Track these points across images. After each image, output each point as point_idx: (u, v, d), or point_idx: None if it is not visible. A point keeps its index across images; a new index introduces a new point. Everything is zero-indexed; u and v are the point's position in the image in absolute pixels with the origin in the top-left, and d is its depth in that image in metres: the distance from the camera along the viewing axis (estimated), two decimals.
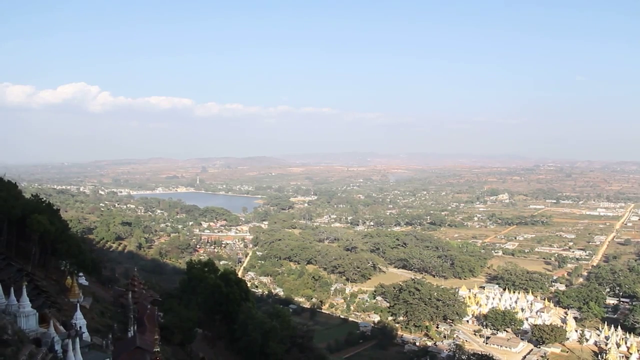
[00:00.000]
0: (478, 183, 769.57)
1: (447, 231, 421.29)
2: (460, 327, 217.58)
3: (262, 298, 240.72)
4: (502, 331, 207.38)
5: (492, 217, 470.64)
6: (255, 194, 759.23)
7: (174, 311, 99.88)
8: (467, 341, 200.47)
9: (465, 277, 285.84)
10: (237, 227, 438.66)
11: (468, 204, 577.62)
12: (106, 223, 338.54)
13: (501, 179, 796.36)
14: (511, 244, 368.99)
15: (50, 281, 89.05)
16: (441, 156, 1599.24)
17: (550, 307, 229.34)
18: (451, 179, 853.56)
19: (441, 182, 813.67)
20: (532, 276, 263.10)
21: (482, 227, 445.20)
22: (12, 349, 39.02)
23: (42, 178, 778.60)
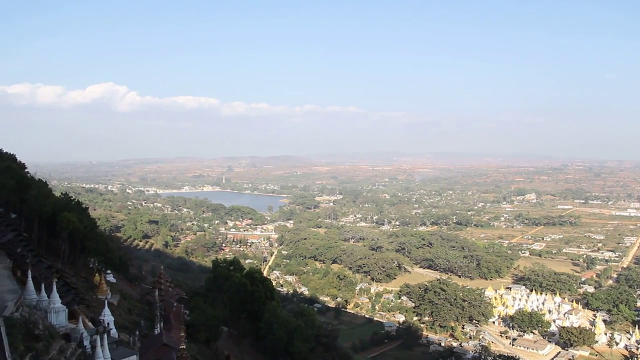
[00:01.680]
0: (505, 182, 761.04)
1: (473, 231, 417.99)
2: (486, 328, 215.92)
3: (287, 297, 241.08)
4: (529, 333, 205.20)
5: (519, 217, 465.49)
6: (280, 193, 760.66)
7: (200, 309, 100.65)
8: (493, 342, 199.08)
9: (491, 278, 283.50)
10: (262, 226, 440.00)
11: (494, 204, 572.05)
12: (133, 221, 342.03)
13: (528, 179, 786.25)
14: (538, 245, 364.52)
15: (79, 278, 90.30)
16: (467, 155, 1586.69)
17: (579, 309, 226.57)
18: (477, 178, 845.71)
19: (467, 182, 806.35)
20: (560, 277, 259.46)
21: (508, 227, 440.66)
22: (43, 344, 39.63)
23: (71, 177, 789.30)
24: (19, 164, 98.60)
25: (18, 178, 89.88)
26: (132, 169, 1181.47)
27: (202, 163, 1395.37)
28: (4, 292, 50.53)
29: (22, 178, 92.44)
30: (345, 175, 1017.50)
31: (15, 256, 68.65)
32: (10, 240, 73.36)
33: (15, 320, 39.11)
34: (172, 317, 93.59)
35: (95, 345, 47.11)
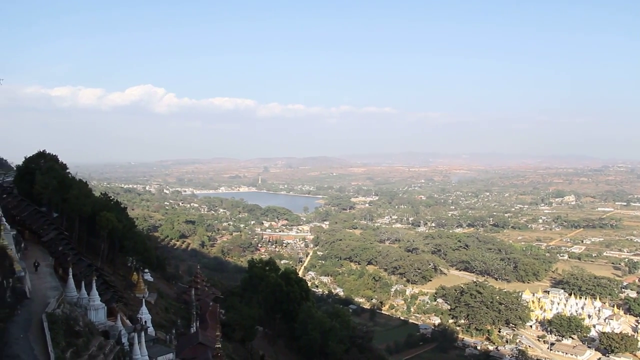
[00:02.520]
0: (543, 184, 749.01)
1: (511, 233, 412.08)
2: (523, 332, 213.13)
3: (322, 298, 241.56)
4: (568, 338, 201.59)
5: (558, 219, 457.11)
6: (316, 194, 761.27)
7: (236, 309, 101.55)
8: (530, 347, 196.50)
9: (528, 281, 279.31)
10: (298, 227, 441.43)
11: (532, 206, 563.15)
12: (171, 221, 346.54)
13: (567, 180, 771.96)
14: (578, 248, 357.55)
15: (117, 277, 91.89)
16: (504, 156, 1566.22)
17: (620, 315, 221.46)
18: (515, 179, 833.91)
19: (504, 183, 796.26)
20: (600, 281, 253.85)
21: (546, 230, 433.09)
22: (83, 340, 40.51)
23: (110, 177, 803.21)
24: (61, 164, 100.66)
25: (60, 178, 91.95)
26: (170, 169, 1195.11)
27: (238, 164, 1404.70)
28: (46, 289, 51.88)
29: (64, 178, 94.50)
30: (381, 176, 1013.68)
31: (57, 254, 70.32)
32: (53, 238, 75.19)
33: (57, 317, 40.12)
34: (208, 316, 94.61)
35: (133, 343, 48.03)
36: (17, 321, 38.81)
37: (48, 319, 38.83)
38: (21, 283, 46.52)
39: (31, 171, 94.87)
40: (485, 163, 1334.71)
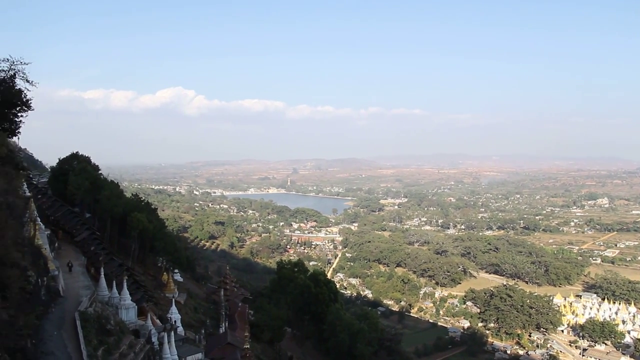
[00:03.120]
0: (575, 186, 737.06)
1: (542, 236, 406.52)
2: (555, 336, 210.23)
3: (351, 299, 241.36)
4: (601, 344, 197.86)
5: (590, 222, 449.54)
6: (345, 195, 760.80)
7: (264, 310, 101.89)
8: (561, 352, 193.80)
9: (560, 285, 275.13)
10: (327, 229, 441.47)
11: (564, 209, 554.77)
12: (200, 222, 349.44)
13: (600, 182, 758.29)
14: (611, 252, 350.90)
15: (148, 276, 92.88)
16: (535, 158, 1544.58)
17: None
18: (546, 182, 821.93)
19: (535, 185, 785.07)
20: (635, 286, 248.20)
21: (579, 233, 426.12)
22: (114, 339, 41.11)
23: (141, 178, 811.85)
24: (93, 165, 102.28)
25: (92, 179, 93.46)
26: (200, 171, 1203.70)
27: (267, 165, 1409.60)
28: (79, 287, 52.79)
29: (96, 179, 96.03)
30: (410, 178, 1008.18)
31: (89, 254, 71.49)
32: (85, 238, 76.45)
33: (89, 315, 40.77)
34: (236, 316, 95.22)
35: (163, 342, 48.61)
36: (51, 319, 39.57)
37: (81, 317, 39.49)
38: (55, 282, 47.40)
39: (65, 172, 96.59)
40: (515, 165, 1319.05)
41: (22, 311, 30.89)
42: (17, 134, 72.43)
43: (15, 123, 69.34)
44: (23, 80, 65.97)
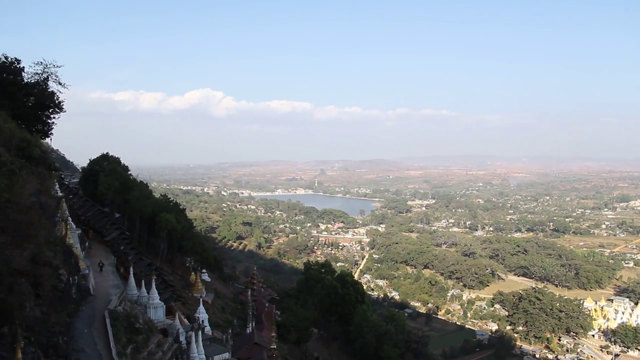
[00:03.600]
0: (607, 188, 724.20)
1: (572, 239, 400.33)
2: (585, 341, 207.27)
3: (378, 301, 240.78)
4: (634, 349, 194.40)
5: (622, 225, 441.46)
6: (372, 196, 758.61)
7: (291, 310, 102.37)
8: (592, 357, 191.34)
9: (591, 289, 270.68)
10: (354, 230, 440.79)
11: (595, 211, 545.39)
12: (228, 223, 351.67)
13: (633, 184, 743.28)
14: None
15: (176, 276, 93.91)
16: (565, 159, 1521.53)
17: None
18: (576, 183, 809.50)
19: (565, 187, 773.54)
20: None
21: (610, 236, 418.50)
22: (143, 337, 41.77)
23: (170, 179, 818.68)
24: (123, 166, 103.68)
25: (122, 180, 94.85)
26: (227, 171, 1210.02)
27: (295, 166, 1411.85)
28: (109, 286, 53.68)
29: (126, 180, 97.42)
30: (438, 179, 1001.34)
31: (119, 253, 72.59)
32: (115, 238, 77.64)
33: (118, 314, 41.47)
34: (263, 317, 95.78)
35: (191, 341, 49.25)
36: (81, 317, 40.37)
37: (110, 316, 40.21)
38: (85, 280, 48.30)
39: (95, 173, 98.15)
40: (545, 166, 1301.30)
41: (54, 309, 31.58)
42: (49, 135, 73.89)
43: (48, 125, 70.75)
44: (55, 82, 67.35)
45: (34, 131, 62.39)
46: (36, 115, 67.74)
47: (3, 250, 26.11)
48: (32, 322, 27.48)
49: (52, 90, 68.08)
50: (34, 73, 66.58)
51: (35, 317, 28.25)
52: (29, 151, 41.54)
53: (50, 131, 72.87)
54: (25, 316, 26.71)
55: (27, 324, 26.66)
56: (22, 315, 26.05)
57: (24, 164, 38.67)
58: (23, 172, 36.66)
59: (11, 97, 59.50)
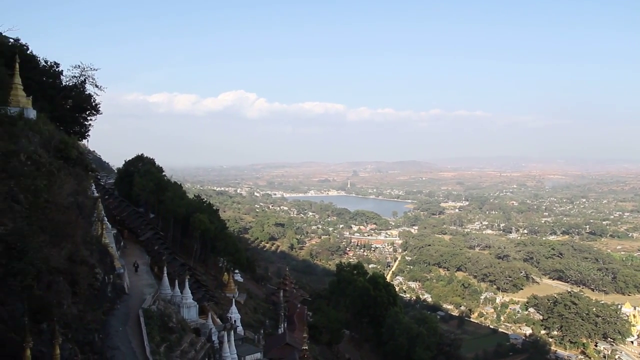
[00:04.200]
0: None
1: (609, 242, 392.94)
2: (623, 347, 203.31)
3: (410, 303, 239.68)
4: None
5: None
6: (405, 198, 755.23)
7: (323, 311, 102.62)
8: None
9: (629, 293, 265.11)
10: (386, 231, 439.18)
11: (634, 214, 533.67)
12: (261, 223, 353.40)
13: None
14: None
15: (209, 276, 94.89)
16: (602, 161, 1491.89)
17: None
18: (614, 185, 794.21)
19: (602, 189, 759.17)
20: None
21: None
22: (176, 336, 42.41)
23: (203, 180, 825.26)
24: (157, 167, 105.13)
25: (156, 181, 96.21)
26: (260, 173, 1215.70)
27: (327, 168, 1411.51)
28: (143, 285, 54.56)
29: (160, 181, 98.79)
30: (472, 181, 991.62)
31: (153, 253, 73.68)
32: (149, 238, 78.81)
33: (152, 312, 42.17)
34: (295, 317, 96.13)
35: (223, 341, 49.79)
36: (116, 315, 41.12)
37: (144, 315, 40.90)
38: (120, 279, 49.18)
39: (130, 174, 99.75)
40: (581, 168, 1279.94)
41: (90, 307, 32.27)
42: (86, 136, 75.45)
43: (85, 126, 72.25)
44: (92, 85, 68.76)
45: (71, 133, 63.77)
46: (74, 117, 69.27)
47: (42, 248, 26.81)
48: (69, 320, 28.15)
49: (89, 93, 69.59)
50: (71, 76, 68.16)
51: (73, 315, 28.94)
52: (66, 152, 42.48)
53: (87, 133, 74.47)
54: (63, 313, 27.38)
55: (65, 321, 27.33)
56: (60, 312, 26.71)
57: (62, 165, 39.58)
58: (61, 172, 37.53)
59: (50, 100, 60.90)
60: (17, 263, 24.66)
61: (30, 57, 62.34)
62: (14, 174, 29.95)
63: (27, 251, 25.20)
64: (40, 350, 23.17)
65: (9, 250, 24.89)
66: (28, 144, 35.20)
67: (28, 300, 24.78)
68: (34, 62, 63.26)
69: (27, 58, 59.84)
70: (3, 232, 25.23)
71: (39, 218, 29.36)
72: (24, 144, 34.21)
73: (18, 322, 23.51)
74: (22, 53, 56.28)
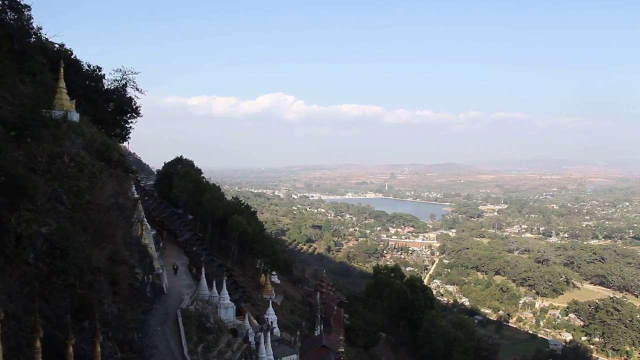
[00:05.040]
0: None
1: None
2: None
3: (447, 307, 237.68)
4: None
5: None
6: (443, 201, 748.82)
7: (359, 314, 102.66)
8: None
9: None
10: (424, 234, 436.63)
11: None
12: (298, 225, 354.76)
13: None
14: None
15: (246, 278, 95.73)
16: None
17: None
18: None
19: None
20: None
21: None
22: (213, 336, 42.96)
23: (241, 182, 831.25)
24: (196, 169, 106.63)
25: (195, 182, 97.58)
26: (298, 175, 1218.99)
27: (365, 170, 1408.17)
28: (181, 286, 55.46)
29: (199, 182, 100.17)
30: (511, 184, 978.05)
31: (191, 254, 74.68)
32: (188, 239, 79.90)
33: (190, 313, 42.82)
34: (332, 320, 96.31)
35: (260, 342, 50.22)
36: (155, 314, 41.89)
37: (182, 315, 41.56)
38: (159, 279, 50.07)
39: (169, 175, 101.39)
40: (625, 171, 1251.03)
41: (129, 306, 32.97)
42: (127, 139, 76.90)
43: (126, 129, 73.69)
44: (133, 88, 70.15)
45: (113, 135, 65.14)
46: (115, 120, 70.71)
47: (84, 248, 27.51)
48: (109, 318, 28.83)
49: (130, 96, 71.01)
50: (113, 80, 69.68)
51: (113, 314, 29.62)
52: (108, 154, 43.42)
53: (128, 135, 75.92)
54: (103, 312, 28.05)
55: (105, 319, 27.99)
56: (100, 311, 27.37)
57: (103, 166, 40.49)
58: (103, 174, 38.41)
59: (93, 103, 62.26)
60: (61, 262, 25.37)
61: (74, 62, 63.83)
62: (58, 176, 30.78)
63: (70, 251, 25.90)
64: (82, 348, 23.78)
65: (53, 250, 25.62)
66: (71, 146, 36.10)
67: (71, 298, 25.49)
68: (77, 66, 64.71)
69: (71, 63, 61.31)
70: (47, 232, 25.97)
71: (82, 218, 30.12)
72: (67, 146, 35.10)
73: (61, 319, 24.19)
74: (66, 58, 57.81)
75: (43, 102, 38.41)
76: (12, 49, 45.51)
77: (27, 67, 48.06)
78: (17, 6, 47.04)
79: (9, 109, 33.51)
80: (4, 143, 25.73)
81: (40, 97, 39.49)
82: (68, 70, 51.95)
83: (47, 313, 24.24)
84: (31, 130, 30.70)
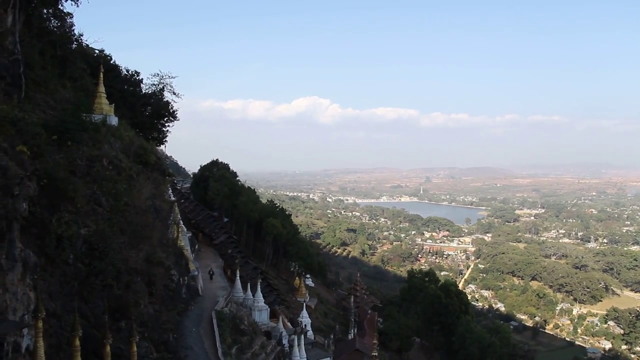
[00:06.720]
0: None
1: None
2: None
3: (482, 312, 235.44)
4: None
5: None
6: (478, 205, 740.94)
7: (393, 318, 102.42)
8: None
9: None
10: (459, 238, 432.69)
11: None
12: (332, 229, 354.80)
13: None
14: None
15: (280, 280, 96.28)
16: None
17: None
18: None
19: None
20: None
21: None
22: (247, 338, 43.39)
23: (276, 185, 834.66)
24: (231, 172, 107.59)
25: (231, 185, 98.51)
26: (333, 178, 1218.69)
27: (400, 173, 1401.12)
28: (216, 288, 56.11)
29: (234, 185, 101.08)
30: (548, 188, 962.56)
31: (226, 257, 75.41)
32: (223, 241, 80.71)
33: (225, 315, 43.31)
34: (365, 323, 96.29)
35: (293, 345, 50.53)
36: (190, 316, 42.55)
37: (217, 316, 42.09)
38: (194, 281, 50.75)
39: (205, 178, 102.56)
40: None
41: (165, 307, 33.55)
42: (164, 142, 78.05)
43: (163, 132, 74.83)
44: (170, 92, 71.31)
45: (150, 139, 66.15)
46: (152, 123, 71.87)
47: (121, 250, 28.14)
48: (145, 319, 29.39)
49: (167, 100, 72.15)
50: (151, 84, 70.94)
51: (149, 314, 30.19)
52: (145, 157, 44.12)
53: (165, 138, 77.06)
54: (140, 312, 28.62)
55: (142, 320, 28.55)
56: (137, 311, 27.94)
57: (141, 169, 41.21)
58: (140, 177, 39.13)
59: (131, 107, 63.45)
60: (99, 263, 26.03)
61: (113, 67, 65.15)
62: (97, 178, 31.50)
63: (108, 252, 26.56)
64: (119, 347, 24.36)
65: (92, 251, 26.31)
66: (110, 149, 36.87)
67: (108, 299, 26.11)
68: (116, 71, 66.02)
69: (110, 68, 62.60)
70: (87, 233, 26.64)
71: (119, 220, 30.78)
72: (106, 150, 35.86)
73: (99, 319, 24.82)
74: (106, 63, 59.04)
75: (83, 106, 39.32)
76: (55, 55, 46.73)
77: (69, 73, 49.32)
78: (60, 14, 48.22)
79: (52, 114, 34.45)
80: (46, 146, 26.43)
81: (81, 102, 40.45)
82: (107, 75, 53.13)
83: (86, 312, 24.89)
84: (72, 134, 31.46)
